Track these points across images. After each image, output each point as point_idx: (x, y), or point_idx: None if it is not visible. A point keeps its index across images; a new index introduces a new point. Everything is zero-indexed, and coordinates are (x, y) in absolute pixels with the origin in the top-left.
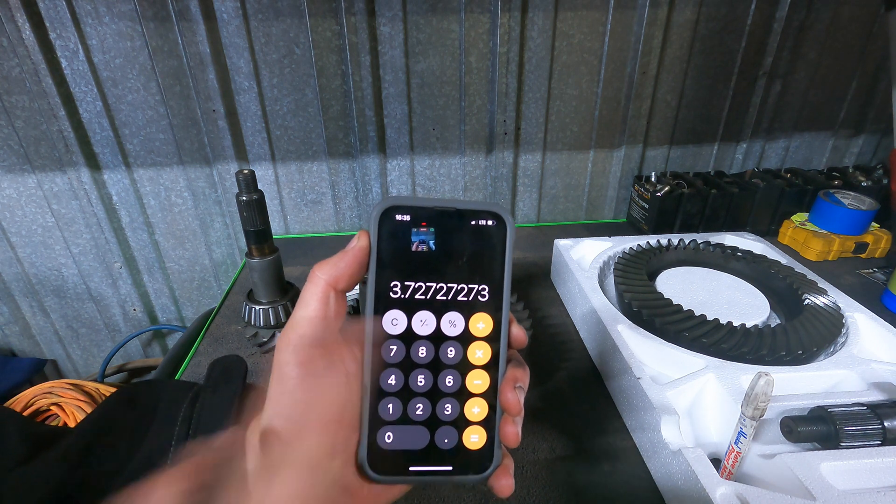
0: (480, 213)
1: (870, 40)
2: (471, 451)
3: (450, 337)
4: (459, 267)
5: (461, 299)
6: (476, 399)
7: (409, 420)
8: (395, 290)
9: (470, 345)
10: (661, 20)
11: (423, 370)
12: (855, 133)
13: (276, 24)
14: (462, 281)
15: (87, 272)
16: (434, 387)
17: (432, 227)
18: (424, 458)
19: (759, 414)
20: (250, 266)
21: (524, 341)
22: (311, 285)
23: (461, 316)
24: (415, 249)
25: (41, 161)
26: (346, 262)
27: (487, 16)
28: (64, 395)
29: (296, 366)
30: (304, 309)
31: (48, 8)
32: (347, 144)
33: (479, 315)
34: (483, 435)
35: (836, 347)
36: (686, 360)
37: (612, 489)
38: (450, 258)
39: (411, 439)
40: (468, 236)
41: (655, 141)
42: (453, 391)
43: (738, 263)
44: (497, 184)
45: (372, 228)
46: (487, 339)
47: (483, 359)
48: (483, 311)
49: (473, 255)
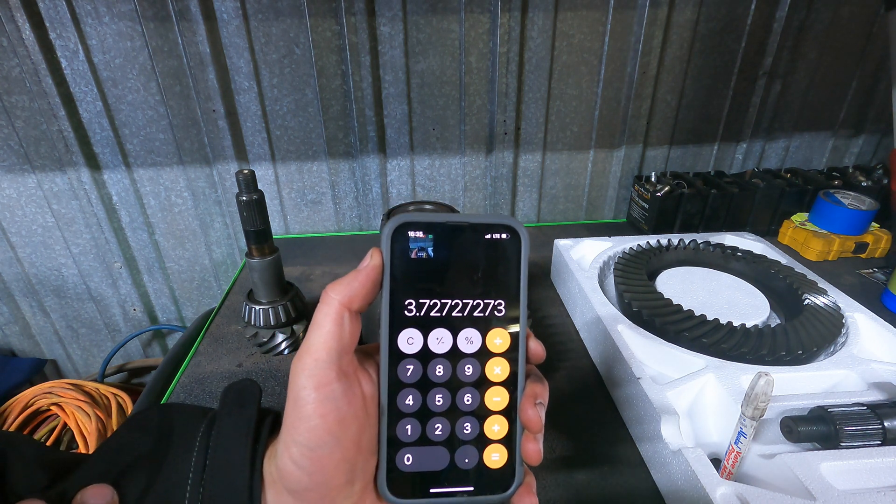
0: (494, 226)
1: (870, 40)
2: (492, 471)
3: (467, 354)
4: (474, 282)
5: (477, 315)
6: (496, 417)
7: (429, 441)
8: (409, 309)
9: (488, 361)
10: (661, 20)
11: (441, 389)
12: (855, 133)
13: (276, 24)
14: (477, 296)
15: (87, 272)
16: (452, 406)
17: (446, 243)
18: (445, 479)
19: (759, 414)
20: (250, 266)
21: (542, 356)
22: (324, 306)
23: (478, 332)
24: (429, 266)
25: (41, 161)
26: (359, 282)
27: (487, 16)
28: (64, 395)
29: (312, 390)
30: (319, 331)
31: (48, 8)
32: (347, 144)
33: (496, 331)
34: (504, 453)
35: (836, 347)
36: (686, 360)
37: (611, 489)
38: (464, 274)
39: (431, 460)
40: (482, 251)
41: (655, 141)
42: (472, 409)
43: (738, 263)
44: (497, 184)
45: (384, 246)
46: (505, 354)
47: (501, 375)
48: (500, 326)
49: (488, 270)
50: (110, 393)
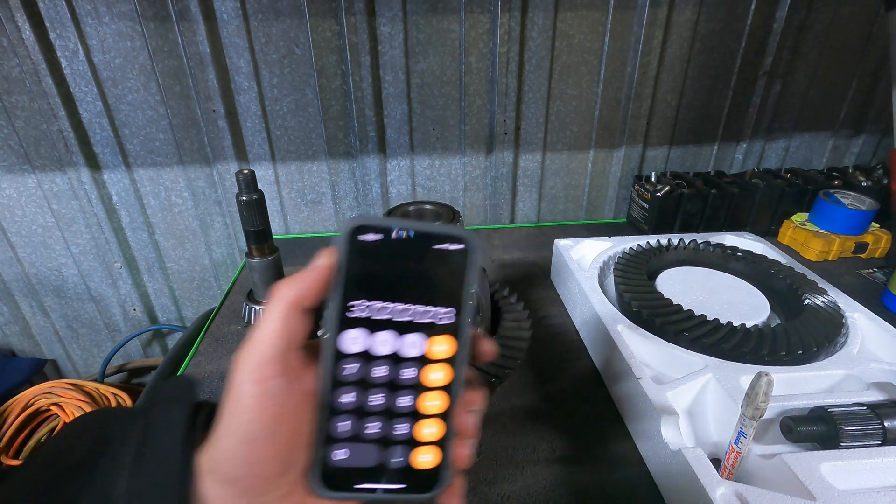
0: (446, 237)
1: (870, 40)
2: (421, 471)
3: (408, 358)
4: (423, 289)
5: (423, 321)
6: (430, 420)
7: (361, 438)
8: (357, 309)
9: (428, 366)
10: (661, 20)
11: (379, 390)
12: (855, 133)
13: (276, 24)
14: (425, 303)
15: (87, 272)
16: (388, 406)
17: (398, 248)
18: (374, 475)
19: (759, 414)
20: (250, 266)
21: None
22: (271, 303)
23: (421, 337)
24: (380, 269)
25: (41, 161)
26: (310, 280)
27: (487, 16)
28: (64, 395)
29: (251, 384)
30: (264, 327)
31: (48, 8)
32: (347, 144)
33: (440, 338)
34: (435, 455)
35: (836, 347)
36: (686, 360)
37: (611, 489)
38: (414, 280)
39: (362, 457)
40: (433, 259)
41: (655, 141)
42: (407, 411)
43: (738, 263)
44: (497, 184)
45: (339, 246)
46: (446, 361)
47: (440, 381)
48: (444, 333)
49: (437, 279)
50: (110, 393)
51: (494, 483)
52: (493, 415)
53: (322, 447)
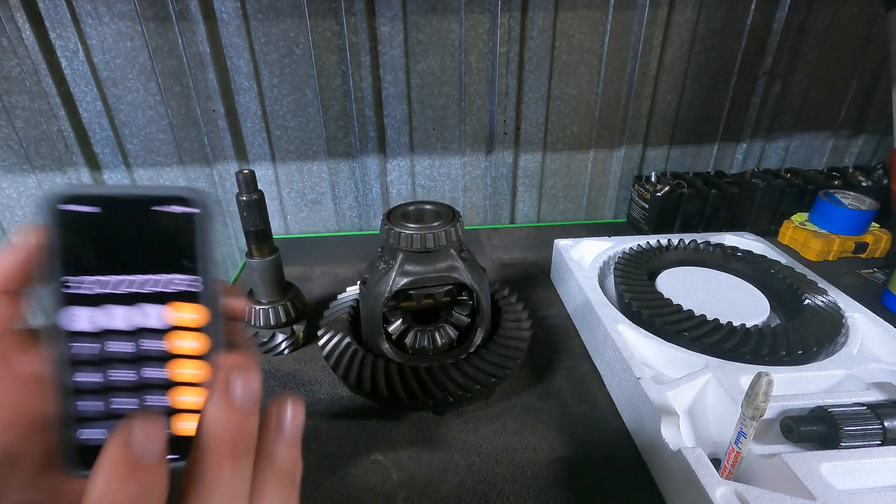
0: (167, 198)
1: (870, 40)
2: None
3: (151, 329)
4: (151, 258)
5: (158, 290)
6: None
7: (114, 414)
8: (75, 285)
9: (175, 334)
10: (661, 20)
11: (124, 365)
12: (855, 133)
13: (276, 24)
14: (157, 272)
15: None
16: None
17: (114, 216)
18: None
19: (759, 414)
20: (250, 266)
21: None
22: None
23: (160, 308)
24: (96, 241)
25: (41, 161)
26: (10, 262)
27: (487, 16)
28: None
29: None
30: None
31: (48, 8)
32: (347, 144)
33: (183, 305)
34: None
35: (836, 347)
36: (686, 360)
37: (611, 489)
38: (138, 249)
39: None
40: (155, 223)
41: (655, 141)
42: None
43: (738, 263)
44: (497, 184)
45: (45, 220)
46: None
47: (192, 349)
48: (185, 300)
49: (164, 245)
50: None
51: (494, 483)
52: (494, 415)
53: (70, 428)
